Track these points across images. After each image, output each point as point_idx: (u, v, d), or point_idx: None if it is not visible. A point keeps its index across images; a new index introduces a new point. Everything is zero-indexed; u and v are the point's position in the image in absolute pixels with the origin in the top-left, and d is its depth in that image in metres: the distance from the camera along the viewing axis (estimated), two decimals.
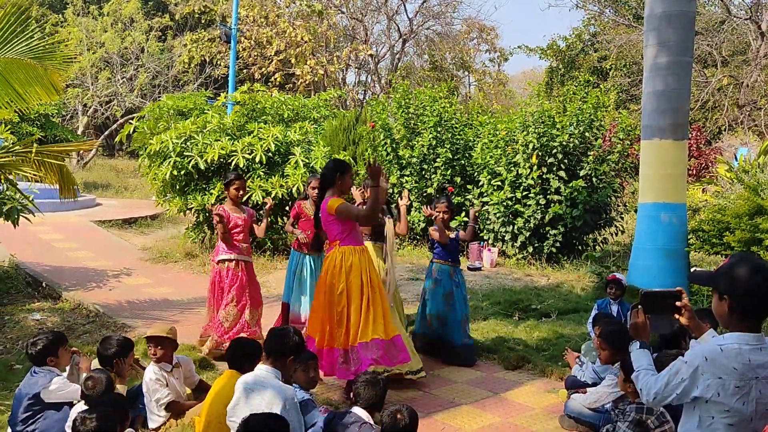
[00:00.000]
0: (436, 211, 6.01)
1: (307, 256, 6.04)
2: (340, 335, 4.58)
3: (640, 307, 2.67)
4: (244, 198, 9.08)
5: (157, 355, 4.28)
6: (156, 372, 4.26)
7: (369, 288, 4.61)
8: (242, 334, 5.75)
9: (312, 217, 5.69)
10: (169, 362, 4.37)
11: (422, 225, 11.83)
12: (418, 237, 12.27)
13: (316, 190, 5.29)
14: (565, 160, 10.50)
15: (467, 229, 6.13)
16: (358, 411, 3.64)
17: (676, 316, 2.66)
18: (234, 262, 5.83)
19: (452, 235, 6.04)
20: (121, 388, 4.03)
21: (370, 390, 3.64)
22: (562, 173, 10.38)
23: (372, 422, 3.59)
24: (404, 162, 11.71)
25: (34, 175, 6.57)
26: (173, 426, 4.22)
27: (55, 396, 3.88)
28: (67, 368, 4.13)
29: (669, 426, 3.66)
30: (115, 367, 4.04)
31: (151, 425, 4.23)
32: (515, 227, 10.56)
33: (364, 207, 4.81)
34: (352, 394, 3.78)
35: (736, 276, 2.35)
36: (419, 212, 11.62)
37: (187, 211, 10.60)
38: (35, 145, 6.64)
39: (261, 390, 3.45)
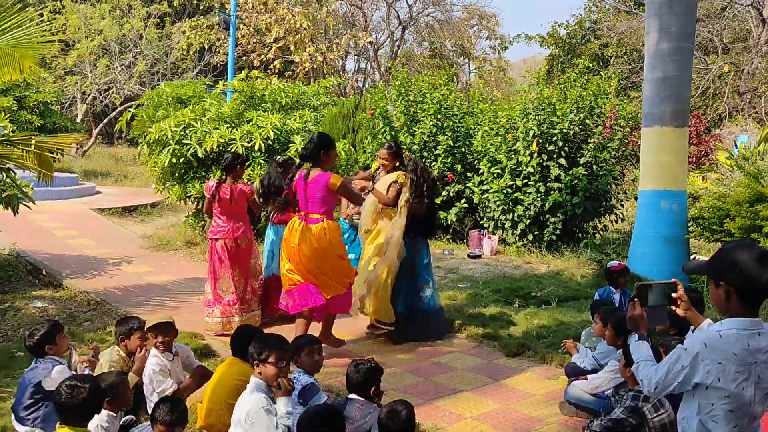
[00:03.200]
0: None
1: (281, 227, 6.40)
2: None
3: (636, 299, 2.68)
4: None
5: (164, 344, 4.25)
6: (159, 363, 4.21)
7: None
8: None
9: None
10: (170, 352, 4.37)
11: None
12: None
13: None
14: (566, 148, 10.47)
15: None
16: (355, 397, 3.67)
17: (673, 308, 2.68)
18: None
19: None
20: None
21: (358, 375, 3.69)
22: (562, 161, 10.36)
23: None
24: (404, 149, 11.69)
25: (14, 160, 6.60)
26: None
27: (56, 384, 3.90)
28: (73, 358, 4.17)
29: (667, 414, 3.68)
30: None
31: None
32: (515, 215, 10.55)
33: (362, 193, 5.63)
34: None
35: (730, 262, 2.36)
36: None
37: (187, 199, 10.58)
38: (34, 139, 6.64)
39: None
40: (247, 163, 9.77)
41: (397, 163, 5.97)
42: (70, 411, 3.09)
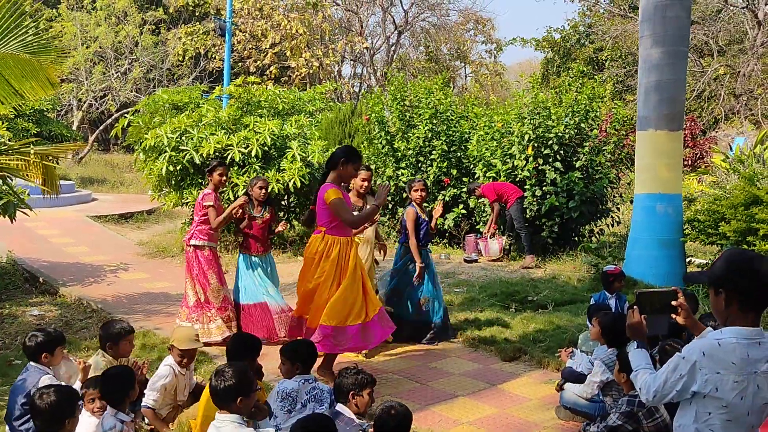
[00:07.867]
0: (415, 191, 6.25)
1: (255, 257, 6.18)
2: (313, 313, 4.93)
3: (635, 307, 2.65)
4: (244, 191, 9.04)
5: (188, 364, 4.35)
6: (173, 366, 4.27)
7: (340, 276, 4.88)
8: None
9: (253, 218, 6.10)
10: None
11: None
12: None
13: (264, 191, 5.97)
14: (561, 151, 10.49)
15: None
16: (341, 410, 3.71)
17: (673, 316, 2.64)
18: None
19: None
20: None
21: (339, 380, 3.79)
22: (557, 164, 10.38)
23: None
24: (400, 154, 11.70)
25: (17, 171, 6.54)
26: (172, 426, 4.21)
27: None
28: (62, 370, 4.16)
29: (661, 419, 3.68)
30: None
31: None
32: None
33: (356, 214, 5.06)
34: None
35: (730, 269, 2.34)
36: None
37: (183, 206, 10.57)
38: (32, 146, 6.62)
39: None
40: (243, 169, 9.81)
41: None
42: (42, 417, 3.05)
